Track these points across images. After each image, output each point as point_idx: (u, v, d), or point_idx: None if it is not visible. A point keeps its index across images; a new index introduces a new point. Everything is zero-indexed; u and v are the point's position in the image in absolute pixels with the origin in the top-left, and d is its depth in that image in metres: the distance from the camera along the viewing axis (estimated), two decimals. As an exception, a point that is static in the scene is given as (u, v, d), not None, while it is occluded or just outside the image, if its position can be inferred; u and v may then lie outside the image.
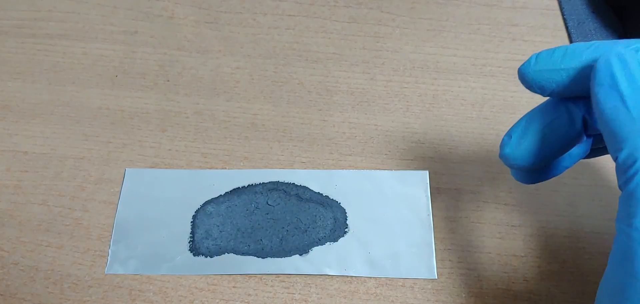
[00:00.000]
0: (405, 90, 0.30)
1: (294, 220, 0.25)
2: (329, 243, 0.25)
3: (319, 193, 0.26)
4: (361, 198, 0.26)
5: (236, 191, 0.26)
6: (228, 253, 0.25)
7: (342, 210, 0.26)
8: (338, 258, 0.24)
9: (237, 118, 0.29)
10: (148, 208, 0.26)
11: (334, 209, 0.26)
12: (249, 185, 0.26)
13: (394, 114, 0.29)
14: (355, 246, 0.25)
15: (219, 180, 0.26)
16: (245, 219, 0.25)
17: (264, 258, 0.24)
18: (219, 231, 0.25)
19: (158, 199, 0.26)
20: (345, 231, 0.25)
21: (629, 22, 0.32)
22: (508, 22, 0.32)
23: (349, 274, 0.24)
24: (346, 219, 0.25)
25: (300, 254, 0.24)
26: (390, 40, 0.32)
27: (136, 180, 0.27)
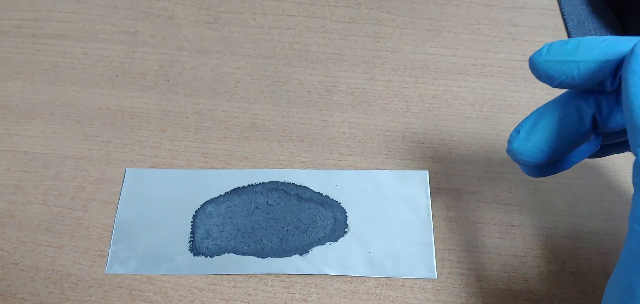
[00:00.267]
0: (405, 90, 0.30)
1: (294, 219, 0.25)
2: (329, 243, 0.25)
3: (319, 193, 0.26)
4: (361, 198, 0.26)
5: (236, 191, 0.26)
6: (228, 253, 0.25)
7: (342, 210, 0.26)
8: (338, 258, 0.24)
9: (237, 118, 0.29)
10: (148, 208, 0.26)
11: (334, 209, 0.26)
12: (249, 185, 0.26)
13: (394, 114, 0.29)
14: (355, 246, 0.25)
15: (219, 180, 0.26)
16: (245, 219, 0.25)
17: (264, 258, 0.24)
18: (219, 231, 0.25)
19: (158, 199, 0.26)
20: (345, 231, 0.25)
21: (629, 22, 0.32)
22: (508, 22, 0.32)
23: (349, 274, 0.24)
24: (346, 219, 0.25)
25: (300, 254, 0.24)
26: (390, 40, 0.32)
27: (136, 180, 0.27)
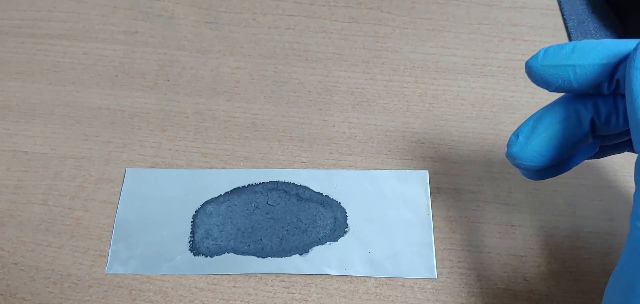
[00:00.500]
0: (405, 90, 0.30)
1: (294, 219, 0.25)
2: (329, 242, 0.25)
3: (319, 192, 0.26)
4: (361, 197, 0.26)
5: (236, 191, 0.26)
6: (228, 252, 0.25)
7: (342, 210, 0.26)
8: (338, 257, 0.24)
9: (237, 118, 0.29)
10: (148, 208, 0.26)
11: (334, 209, 0.26)
12: (249, 185, 0.26)
13: (394, 114, 0.29)
14: (355, 246, 0.25)
15: (219, 180, 0.26)
16: (245, 219, 0.25)
17: (264, 257, 0.24)
18: (219, 231, 0.25)
19: (158, 199, 0.26)
20: (345, 230, 0.25)
21: (629, 22, 0.32)
22: (508, 22, 0.32)
23: (349, 274, 0.24)
24: (346, 219, 0.25)
25: (300, 254, 0.24)
26: (390, 40, 0.32)
27: (136, 180, 0.27)
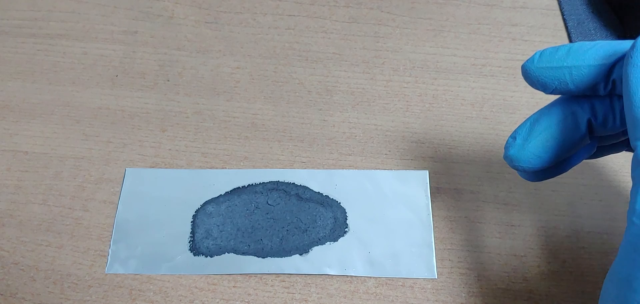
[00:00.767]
0: (405, 90, 0.30)
1: (294, 219, 0.25)
2: (329, 242, 0.25)
3: (319, 192, 0.26)
4: (361, 197, 0.26)
5: (236, 191, 0.26)
6: (228, 252, 0.25)
7: (342, 210, 0.26)
8: (338, 257, 0.24)
9: (237, 118, 0.29)
10: (148, 207, 0.26)
11: (334, 209, 0.26)
12: (249, 185, 0.26)
13: (394, 114, 0.29)
14: (355, 246, 0.25)
15: (219, 180, 0.26)
16: (245, 219, 0.25)
17: (264, 257, 0.24)
18: (219, 231, 0.25)
19: (158, 199, 0.26)
20: (345, 230, 0.25)
21: (629, 22, 0.32)
22: (508, 22, 0.32)
23: (349, 274, 0.24)
24: (346, 219, 0.25)
25: (300, 254, 0.24)
26: (390, 40, 0.32)
27: (136, 180, 0.27)
